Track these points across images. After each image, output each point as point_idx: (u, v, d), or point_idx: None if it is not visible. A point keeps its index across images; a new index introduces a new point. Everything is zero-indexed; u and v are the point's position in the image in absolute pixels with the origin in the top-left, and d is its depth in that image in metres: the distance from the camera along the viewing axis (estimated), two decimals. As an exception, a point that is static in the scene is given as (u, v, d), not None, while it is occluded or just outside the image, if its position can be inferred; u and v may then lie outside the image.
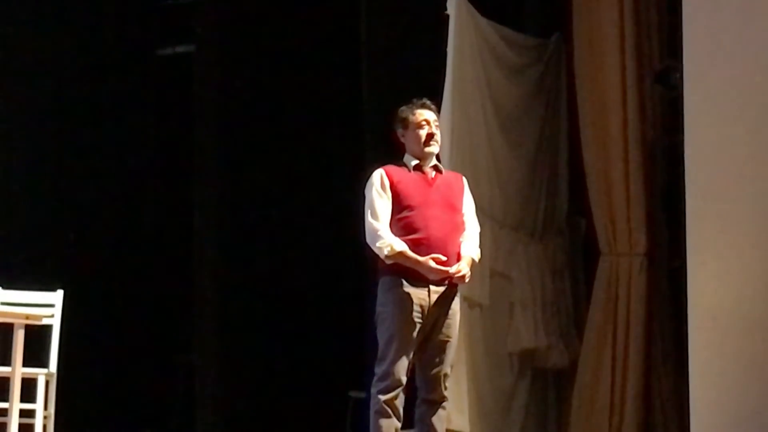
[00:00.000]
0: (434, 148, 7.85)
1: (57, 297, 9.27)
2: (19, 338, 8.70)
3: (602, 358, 9.16)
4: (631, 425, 9.02)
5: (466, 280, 7.57)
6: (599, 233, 9.27)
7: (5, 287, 9.38)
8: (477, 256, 7.66)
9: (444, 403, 7.52)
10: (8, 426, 8.75)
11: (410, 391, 7.59)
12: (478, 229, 7.76)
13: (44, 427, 9.18)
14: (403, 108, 7.79)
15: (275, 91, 10.51)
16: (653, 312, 9.17)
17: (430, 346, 7.46)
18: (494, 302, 9.52)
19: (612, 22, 9.19)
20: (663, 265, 9.19)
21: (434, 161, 7.82)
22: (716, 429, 8.13)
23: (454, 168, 9.03)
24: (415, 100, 7.81)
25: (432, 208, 7.73)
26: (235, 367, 10.46)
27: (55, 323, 9.28)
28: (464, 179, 7.87)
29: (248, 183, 10.55)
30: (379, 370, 7.40)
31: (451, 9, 9.01)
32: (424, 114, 7.79)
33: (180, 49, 11.30)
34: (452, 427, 8.88)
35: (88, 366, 10.00)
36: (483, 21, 9.48)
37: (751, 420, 7.94)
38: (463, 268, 7.46)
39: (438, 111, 7.82)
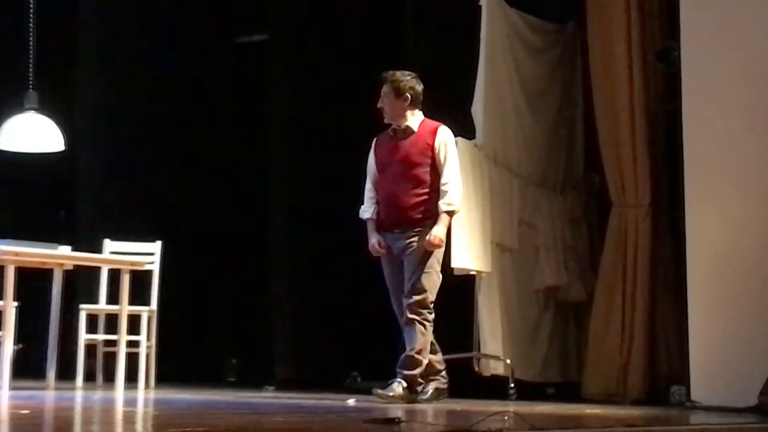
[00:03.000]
0: (386, 118, 7.90)
1: (156, 247, 9.34)
2: (125, 281, 8.80)
3: (614, 293, 9.13)
4: (639, 349, 8.98)
5: (438, 246, 7.67)
6: (610, 187, 9.22)
7: (113, 239, 9.45)
8: (450, 206, 7.67)
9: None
10: (118, 354, 8.84)
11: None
12: (452, 177, 7.71)
13: (147, 355, 9.25)
14: None
15: (334, 75, 10.48)
16: (657, 254, 9.14)
17: None
18: (522, 247, 9.53)
19: (620, 9, 9.13)
20: (665, 214, 9.15)
21: (406, 123, 7.81)
22: (710, 352, 8.14)
23: (486, 135, 9.07)
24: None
25: (392, 167, 7.83)
26: (303, 305, 10.48)
27: (155, 269, 9.34)
28: (440, 130, 7.82)
29: (313, 154, 10.54)
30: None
31: (483, 0, 9.02)
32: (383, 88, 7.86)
33: (256, 37, 11.25)
34: (487, 351, 8.92)
35: (182, 304, 10.03)
36: (510, 10, 9.47)
37: (741, 346, 7.96)
38: (433, 239, 7.58)
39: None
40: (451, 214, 7.73)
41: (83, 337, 9.32)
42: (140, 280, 9.25)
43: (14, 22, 9.76)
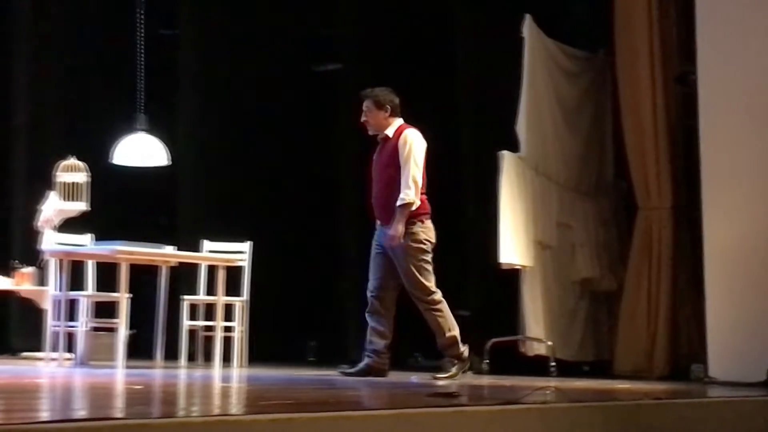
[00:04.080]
0: (370, 130, 7.79)
1: (246, 246, 9.38)
2: (221, 275, 8.85)
3: (641, 283, 9.09)
4: (663, 332, 8.95)
5: (397, 242, 7.43)
6: (636, 192, 9.20)
7: (210, 240, 9.51)
8: (402, 201, 7.41)
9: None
10: (215, 338, 8.90)
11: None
12: (405, 174, 7.46)
13: (239, 339, 9.29)
14: None
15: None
16: (678, 249, 9.11)
17: None
18: (560, 244, 9.50)
19: (643, 39, 9.11)
20: (684, 214, 9.12)
21: (385, 133, 7.68)
22: (725, 334, 8.13)
23: (529, 148, 9.09)
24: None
25: (376, 171, 7.73)
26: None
27: (246, 265, 9.38)
28: (404, 132, 7.63)
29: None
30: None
31: (525, 32, 9.01)
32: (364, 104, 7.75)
33: (330, 66, 11.29)
34: (531, 334, 8.91)
35: (268, 294, 10.05)
36: (548, 40, 9.46)
37: (752, 329, 7.95)
38: (390, 238, 7.41)
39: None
40: (404, 207, 7.43)
41: (185, 323, 9.39)
42: (233, 274, 9.30)
43: (127, 58, 9.84)
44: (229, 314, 9.24)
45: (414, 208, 7.45)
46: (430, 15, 10.32)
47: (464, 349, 7.64)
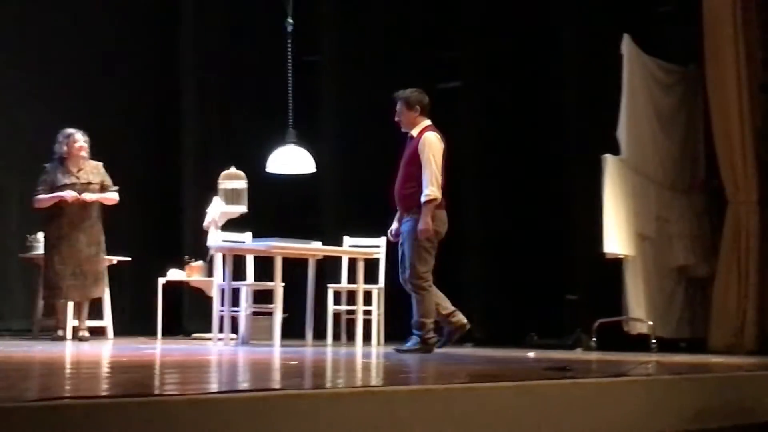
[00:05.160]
0: (402, 128, 7.60)
1: (382, 241, 9.39)
2: (360, 266, 8.88)
3: (731, 269, 8.89)
4: (752, 311, 8.77)
5: (427, 234, 7.31)
6: (726, 188, 9.00)
7: (351, 236, 9.54)
8: (426, 197, 7.28)
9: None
10: (356, 320, 8.93)
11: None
12: (426, 173, 7.32)
13: (377, 321, 9.31)
14: None
15: (513, 112, 10.43)
16: (764, 238, 8.92)
17: None
18: (659, 236, 9.32)
19: (730, 54, 8.90)
20: (769, 207, 8.96)
21: (411, 132, 7.53)
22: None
23: (629, 151, 8.97)
24: None
25: (400, 165, 7.57)
26: (492, 280, 10.43)
27: (381, 257, 9.40)
28: (423, 135, 7.45)
29: (497, 178, 10.50)
30: None
31: (624, 49, 8.87)
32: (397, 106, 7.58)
33: (451, 84, 11.23)
34: (633, 315, 8.78)
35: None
36: (645, 56, 9.28)
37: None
38: (421, 231, 7.29)
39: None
40: (428, 203, 7.32)
41: (331, 308, 9.45)
42: (371, 265, 9.32)
43: (278, 82, 9.94)
44: (367, 299, 9.27)
45: (438, 202, 7.36)
46: (540, 35, 10.22)
47: (430, 337, 7.46)
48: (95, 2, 10.88)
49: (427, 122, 7.65)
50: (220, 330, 8.67)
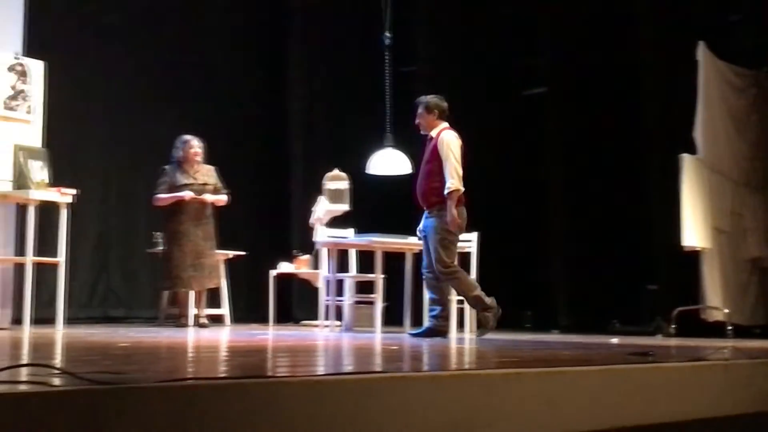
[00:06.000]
0: (421, 130, 7.49)
1: (474, 236, 9.32)
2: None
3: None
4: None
5: (456, 225, 7.27)
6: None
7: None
8: (448, 189, 7.22)
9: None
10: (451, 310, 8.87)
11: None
12: (447, 168, 7.27)
13: (470, 311, 9.24)
14: None
15: (595, 115, 10.27)
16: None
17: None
18: (734, 230, 9.14)
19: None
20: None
21: (430, 134, 7.45)
22: None
23: (705, 151, 8.80)
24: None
25: (421, 165, 7.50)
26: (576, 270, 10.29)
27: (473, 251, 9.33)
28: (441, 134, 7.39)
29: (582, 177, 10.33)
30: None
31: (699, 55, 8.76)
32: (418, 110, 7.49)
33: (537, 90, 11.12)
34: (710, 303, 8.62)
35: (491, 274, 9.92)
36: (719, 61, 9.12)
37: None
38: (449, 223, 7.26)
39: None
40: (451, 195, 7.26)
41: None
42: (464, 258, 9.25)
43: (377, 91, 9.98)
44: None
45: (461, 193, 7.29)
46: (619, 41, 10.05)
47: (490, 301, 7.46)
48: (208, 14, 11.03)
49: (445, 125, 7.61)
50: (326, 318, 8.72)
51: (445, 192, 7.31)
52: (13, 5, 7.72)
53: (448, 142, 7.42)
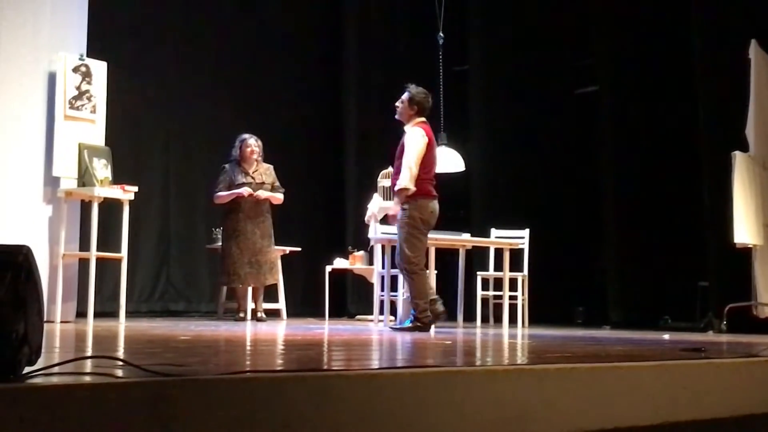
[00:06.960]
0: (396, 115, 7.37)
1: (525, 233, 9.30)
2: (506, 256, 8.80)
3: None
4: None
5: (397, 212, 7.17)
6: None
7: (497, 228, 9.47)
8: (397, 187, 7.15)
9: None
10: (503, 305, 8.85)
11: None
12: (404, 161, 7.15)
13: (522, 305, 9.22)
14: None
15: (647, 113, 10.16)
16: None
17: None
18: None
19: None
20: None
21: (404, 128, 7.30)
22: None
23: (757, 148, 8.65)
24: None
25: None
26: (627, 268, 10.19)
27: (525, 247, 9.30)
28: (410, 131, 7.21)
29: (634, 175, 10.23)
30: None
31: (751, 53, 8.63)
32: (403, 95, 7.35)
33: (589, 89, 11.03)
34: (762, 300, 8.47)
35: (543, 270, 9.91)
36: (770, 57, 8.98)
37: None
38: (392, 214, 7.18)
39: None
40: (398, 193, 7.15)
41: (479, 293, 9.40)
42: (515, 254, 9.24)
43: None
44: (513, 286, 9.19)
45: (410, 192, 7.15)
46: (671, 40, 9.94)
47: (425, 317, 7.20)
48: (266, 18, 11.10)
49: (421, 119, 7.46)
50: (380, 312, 8.72)
51: (396, 189, 7.26)
52: (78, 7, 7.81)
53: (412, 137, 7.32)
